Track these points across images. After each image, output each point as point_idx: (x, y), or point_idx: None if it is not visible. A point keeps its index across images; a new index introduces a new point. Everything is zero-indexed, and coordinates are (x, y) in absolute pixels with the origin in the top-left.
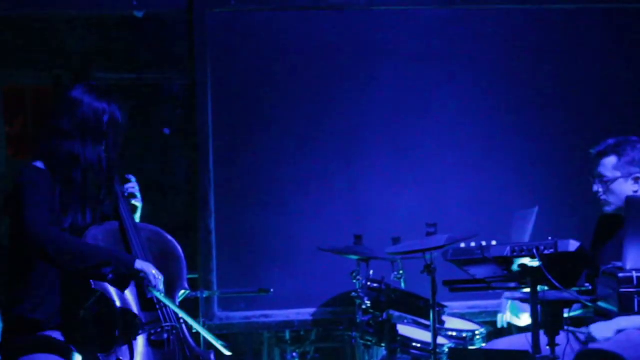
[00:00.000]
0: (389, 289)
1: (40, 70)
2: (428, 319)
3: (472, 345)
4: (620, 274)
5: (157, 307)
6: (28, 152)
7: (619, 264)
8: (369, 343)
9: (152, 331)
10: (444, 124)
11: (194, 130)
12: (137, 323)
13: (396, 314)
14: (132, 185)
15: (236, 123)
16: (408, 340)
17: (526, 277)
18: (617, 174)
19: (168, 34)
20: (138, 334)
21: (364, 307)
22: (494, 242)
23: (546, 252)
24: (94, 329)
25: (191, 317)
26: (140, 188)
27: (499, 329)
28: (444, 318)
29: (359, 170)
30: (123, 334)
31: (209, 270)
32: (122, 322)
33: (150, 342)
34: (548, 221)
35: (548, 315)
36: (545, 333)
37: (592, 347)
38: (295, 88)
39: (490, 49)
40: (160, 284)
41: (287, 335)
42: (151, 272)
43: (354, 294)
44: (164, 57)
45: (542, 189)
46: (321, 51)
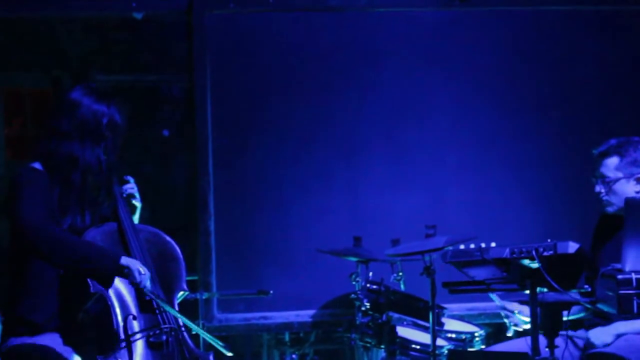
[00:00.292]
0: (388, 291)
1: (39, 72)
2: (427, 320)
3: (472, 347)
4: (619, 276)
5: (156, 309)
6: (27, 154)
7: (618, 265)
8: (368, 345)
9: (150, 333)
10: (443, 125)
11: (194, 132)
12: (135, 325)
13: (395, 315)
14: (130, 186)
15: (235, 125)
16: (407, 342)
17: (525, 279)
18: (619, 174)
19: (167, 36)
20: (137, 336)
21: (363, 308)
22: (493, 244)
23: (545, 253)
24: (93, 331)
25: (187, 318)
26: (140, 190)
27: (498, 330)
28: (443, 320)
29: (358, 172)
30: (122, 336)
31: (208, 272)
32: (121, 324)
33: (149, 344)
34: (547, 223)
35: (547, 317)
36: (545, 335)
37: (594, 351)
38: (295, 90)
39: (489, 51)
40: (147, 280)
41: (287, 337)
42: (137, 268)
43: (353, 295)
44: (163, 59)
45: (541, 191)
46: (320, 53)
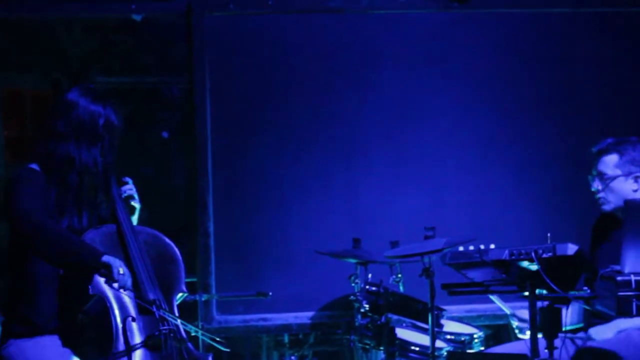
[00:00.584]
0: (387, 293)
1: (39, 74)
2: (426, 322)
3: (471, 348)
4: (619, 278)
5: (155, 311)
6: (26, 156)
7: (618, 267)
8: (367, 346)
9: (149, 334)
10: (442, 127)
11: (193, 134)
12: (134, 327)
13: (394, 317)
14: (129, 187)
15: (235, 126)
16: (406, 344)
17: (525, 280)
18: (618, 172)
19: (167, 38)
20: (136, 338)
21: (362, 310)
22: (492, 246)
23: (545, 255)
24: (92, 332)
25: (184, 319)
26: (139, 191)
27: (498, 332)
28: (442, 321)
29: (357, 173)
30: (121, 338)
31: (208, 274)
32: (120, 325)
33: (148, 346)
34: (546, 225)
35: (546, 319)
36: (544, 336)
37: (589, 345)
38: (294, 91)
39: (488, 53)
40: (127, 281)
41: (286, 338)
42: (117, 267)
43: (352, 297)
44: (163, 61)
45: (540, 193)
46: (320, 54)
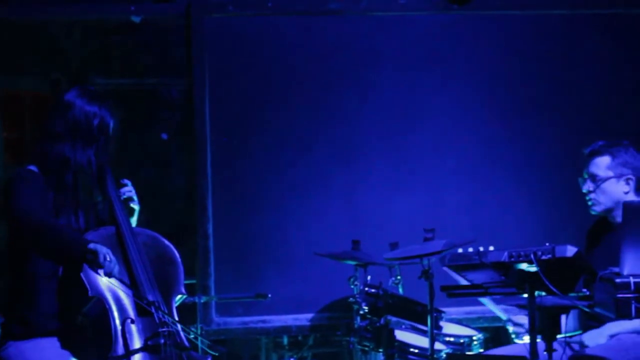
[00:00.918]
0: (386, 295)
1: (38, 75)
2: (425, 324)
3: (470, 350)
4: (617, 280)
5: (152, 310)
6: (25, 157)
7: (616, 269)
8: (366, 348)
9: (148, 335)
10: (442, 128)
11: (192, 135)
12: (133, 328)
13: (394, 319)
14: (128, 189)
15: (234, 128)
16: (405, 346)
17: (524, 282)
18: (610, 173)
19: (166, 39)
20: (135, 340)
21: (361, 312)
22: (491, 248)
23: (544, 257)
24: (91, 334)
25: (179, 321)
26: (138, 193)
27: (497, 334)
28: (442, 323)
29: (356, 175)
30: (120, 340)
31: (207, 276)
32: (119, 327)
33: (147, 348)
34: (545, 227)
35: (545, 321)
36: (543, 339)
37: (581, 353)
38: (293, 93)
39: (487, 55)
40: (114, 267)
41: (285, 340)
42: (103, 254)
43: (351, 299)
44: (162, 62)
45: (540, 194)
46: (319, 56)
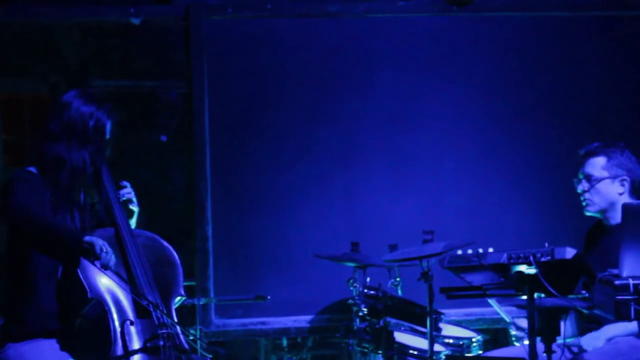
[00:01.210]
0: (385, 296)
1: (37, 78)
2: (425, 326)
3: (469, 352)
4: (617, 282)
5: (153, 313)
6: (25, 159)
7: (615, 271)
8: (365, 350)
9: (147, 337)
10: (440, 131)
11: (191, 137)
12: (133, 330)
13: (393, 321)
14: (128, 191)
15: (233, 130)
16: (405, 348)
17: (523, 284)
18: (605, 174)
19: (165, 42)
20: (134, 342)
21: (360, 314)
22: (490, 250)
23: (543, 259)
24: (90, 336)
25: (178, 322)
26: (138, 195)
27: (496, 336)
28: (441, 325)
29: (356, 177)
30: (119, 342)
31: (206, 277)
32: (118, 329)
33: (146, 349)
34: (544, 228)
35: (545, 323)
36: (542, 341)
37: (578, 357)
38: (292, 95)
39: (486, 57)
40: (110, 259)
41: (284, 342)
42: (99, 245)
43: (350, 301)
44: (161, 65)
45: (538, 197)
46: (318, 58)
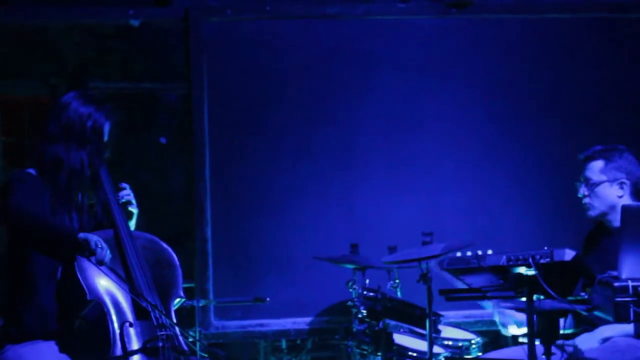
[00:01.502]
0: (385, 298)
1: (37, 80)
2: (424, 328)
3: (468, 354)
4: (616, 283)
5: (151, 313)
6: (24, 161)
7: (615, 273)
8: (365, 352)
9: (146, 339)
10: (440, 133)
11: (191, 139)
12: (132, 332)
13: (392, 323)
14: (127, 193)
15: (232, 131)
16: (404, 350)
17: (522, 286)
18: (603, 177)
19: (164, 43)
20: (133, 343)
21: (360, 316)
22: (489, 251)
23: (542, 261)
24: (89, 338)
25: (177, 323)
26: (137, 196)
27: (495, 338)
28: (440, 327)
29: (355, 179)
30: (118, 343)
31: (205, 279)
32: (117, 331)
33: (145, 351)
34: (544, 230)
35: (544, 325)
36: (541, 343)
37: (577, 355)
38: (292, 97)
39: (486, 59)
40: (106, 255)
41: (283, 344)
42: (94, 241)
43: (350, 303)
44: (161, 67)
45: (537, 198)
46: (317, 60)
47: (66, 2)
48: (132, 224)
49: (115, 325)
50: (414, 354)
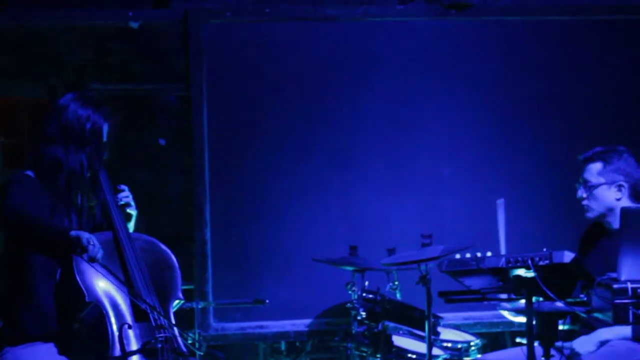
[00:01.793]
0: (384, 300)
1: (36, 82)
2: (423, 330)
3: (467, 356)
4: (615, 285)
5: (150, 314)
6: (23, 163)
7: (614, 274)
8: (364, 354)
9: (145, 341)
10: (439, 135)
11: (190, 142)
12: (131, 334)
13: (391, 324)
14: (125, 195)
15: (232, 134)
16: (403, 351)
17: (521, 288)
18: (601, 179)
19: (164, 45)
20: (132, 345)
21: (359, 318)
22: (489, 253)
23: (541, 263)
24: (88, 340)
25: (180, 326)
26: (136, 198)
27: (494, 340)
28: (439, 329)
29: (354, 181)
30: (117, 345)
31: (205, 281)
32: (116, 333)
33: (144, 352)
34: (543, 232)
35: (543, 327)
36: (540, 344)
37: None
38: (291, 99)
39: (485, 60)
40: (97, 252)
41: (283, 346)
42: (86, 238)
43: (349, 304)
44: (160, 68)
45: (537, 200)
46: (316, 62)
47: (66, 4)
48: (131, 226)
49: (114, 327)
50: (413, 356)
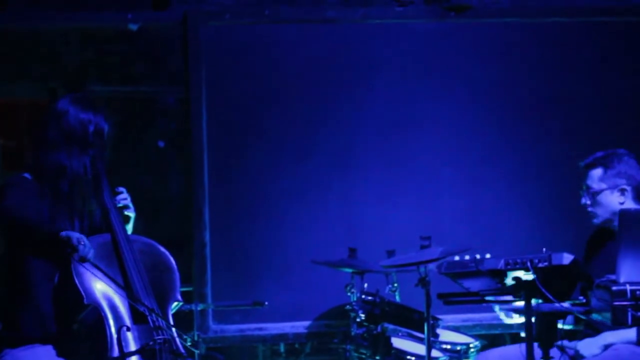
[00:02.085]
0: (383, 302)
1: (35, 84)
2: (422, 331)
3: (467, 358)
4: (614, 287)
5: (148, 316)
6: (22, 165)
7: (613, 276)
8: (363, 356)
9: (144, 343)
10: (438, 137)
11: (189, 143)
12: (129, 336)
13: (390, 326)
14: (124, 197)
15: (231, 136)
16: (402, 353)
17: (520, 290)
18: (603, 185)
19: (163, 48)
20: (131, 347)
21: (358, 320)
22: (488, 255)
23: (540, 265)
24: (87, 342)
25: (178, 328)
26: (135, 200)
27: (493, 342)
28: (438, 331)
29: (353, 183)
30: (115, 347)
31: (204, 283)
32: (115, 335)
33: (143, 354)
34: (542, 234)
35: (542, 328)
36: (540, 346)
37: None
38: (290, 101)
39: (484, 62)
40: (88, 252)
41: (282, 348)
42: (76, 237)
43: (348, 307)
44: (159, 70)
45: (536, 202)
46: (316, 64)
47: (65, 6)
48: (130, 228)
49: (113, 329)
50: (412, 358)
